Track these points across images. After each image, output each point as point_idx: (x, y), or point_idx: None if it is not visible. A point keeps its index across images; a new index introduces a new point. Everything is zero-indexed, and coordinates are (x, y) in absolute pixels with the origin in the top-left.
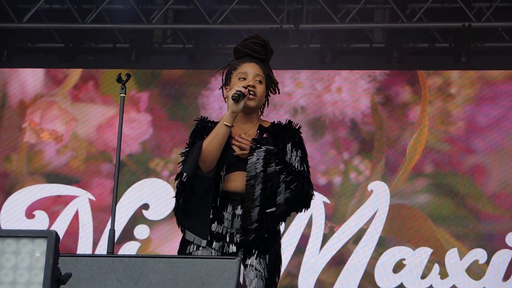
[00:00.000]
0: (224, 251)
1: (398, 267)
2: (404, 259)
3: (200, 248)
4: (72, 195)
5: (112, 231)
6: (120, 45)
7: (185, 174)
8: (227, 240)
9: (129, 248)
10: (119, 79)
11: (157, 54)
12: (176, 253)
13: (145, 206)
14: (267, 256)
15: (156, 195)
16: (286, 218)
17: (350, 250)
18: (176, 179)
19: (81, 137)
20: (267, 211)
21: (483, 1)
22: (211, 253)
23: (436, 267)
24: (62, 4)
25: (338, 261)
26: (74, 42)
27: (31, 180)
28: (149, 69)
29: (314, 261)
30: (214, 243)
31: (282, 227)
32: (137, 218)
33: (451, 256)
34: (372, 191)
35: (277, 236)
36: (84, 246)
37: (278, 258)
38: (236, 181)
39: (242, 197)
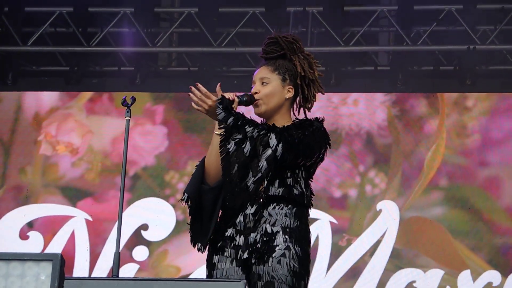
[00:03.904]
0: (238, 257)
1: None
2: (414, 281)
3: (219, 257)
4: (68, 215)
5: (117, 254)
6: (125, 68)
7: (185, 194)
8: (241, 244)
9: (128, 271)
10: (124, 102)
11: (162, 77)
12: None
13: (144, 227)
14: (285, 260)
15: (156, 215)
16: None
17: (366, 261)
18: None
19: (96, 149)
20: (254, 179)
21: (488, 24)
22: (228, 261)
23: None
24: (67, 27)
25: (353, 274)
26: (79, 65)
27: (45, 192)
28: (154, 92)
29: (318, 286)
30: (229, 249)
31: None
32: (136, 239)
33: (464, 278)
34: (381, 210)
35: (302, 230)
36: (81, 268)
37: (304, 258)
38: None
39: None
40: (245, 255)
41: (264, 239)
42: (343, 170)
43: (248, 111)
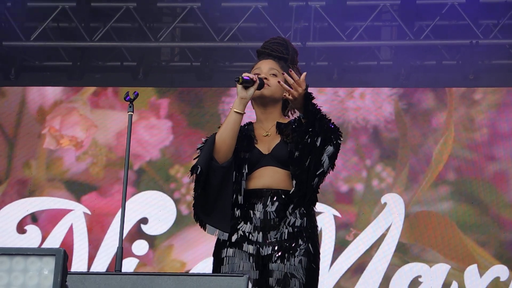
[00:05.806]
0: (257, 253)
1: (414, 284)
2: (420, 276)
3: (235, 251)
4: (66, 208)
5: (120, 249)
6: (128, 63)
7: (199, 167)
8: (260, 240)
9: (129, 266)
10: (126, 97)
11: (164, 72)
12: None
13: (144, 221)
14: (305, 260)
15: (156, 209)
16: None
17: (371, 256)
18: (191, 173)
19: (101, 143)
20: (317, 173)
21: (491, 19)
22: (244, 256)
23: (454, 285)
24: (70, 22)
25: (358, 268)
26: (82, 60)
27: (50, 186)
28: (157, 87)
29: (322, 280)
30: (246, 245)
31: None
32: (135, 233)
33: (471, 273)
34: (385, 203)
35: (314, 228)
36: (80, 262)
37: (317, 257)
38: (264, 177)
39: (272, 193)
40: (266, 252)
41: (285, 238)
42: (349, 164)
43: (247, 111)
